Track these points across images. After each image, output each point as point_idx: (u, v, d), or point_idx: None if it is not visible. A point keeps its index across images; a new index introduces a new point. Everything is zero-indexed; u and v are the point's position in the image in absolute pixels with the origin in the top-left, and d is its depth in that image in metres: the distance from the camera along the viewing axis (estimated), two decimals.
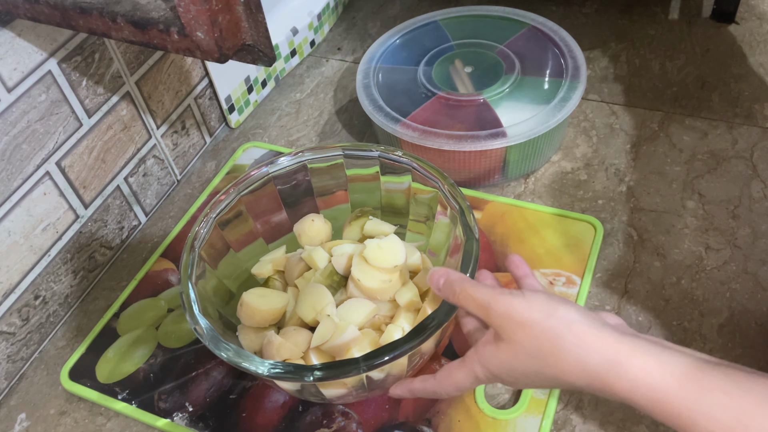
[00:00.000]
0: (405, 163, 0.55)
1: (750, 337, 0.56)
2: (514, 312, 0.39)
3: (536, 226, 0.65)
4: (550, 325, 0.38)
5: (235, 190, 0.55)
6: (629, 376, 0.35)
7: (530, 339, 0.38)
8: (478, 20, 0.80)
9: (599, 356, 0.36)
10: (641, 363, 0.35)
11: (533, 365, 0.39)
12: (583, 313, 0.38)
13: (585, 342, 0.37)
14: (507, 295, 0.40)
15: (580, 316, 0.38)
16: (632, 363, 0.35)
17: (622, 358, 0.36)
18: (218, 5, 0.40)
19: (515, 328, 0.39)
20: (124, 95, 0.66)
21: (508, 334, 0.40)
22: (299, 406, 0.55)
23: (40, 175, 0.58)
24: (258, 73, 0.83)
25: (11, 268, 0.57)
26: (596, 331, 0.37)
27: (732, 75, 0.80)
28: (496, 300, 0.40)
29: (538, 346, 0.38)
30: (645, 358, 0.35)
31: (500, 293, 0.40)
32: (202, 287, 0.50)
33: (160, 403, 0.56)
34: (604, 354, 0.36)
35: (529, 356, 0.39)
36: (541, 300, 0.39)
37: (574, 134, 0.75)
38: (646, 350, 0.36)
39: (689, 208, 0.66)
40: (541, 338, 0.38)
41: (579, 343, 0.37)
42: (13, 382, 0.61)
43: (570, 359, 0.37)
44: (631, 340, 0.36)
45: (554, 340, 0.37)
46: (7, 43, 0.53)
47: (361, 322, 0.50)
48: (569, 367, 0.37)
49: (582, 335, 0.37)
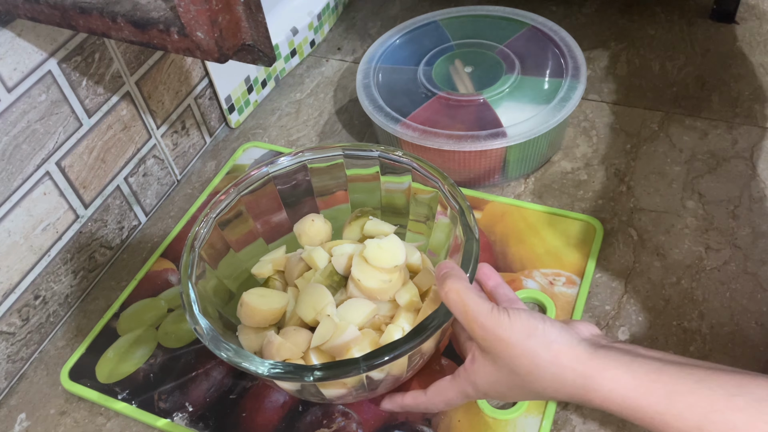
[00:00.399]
0: (405, 163, 0.55)
1: (750, 337, 0.56)
2: (497, 328, 0.41)
3: (536, 226, 0.65)
4: (530, 346, 0.40)
5: (235, 190, 0.55)
6: (603, 390, 0.38)
7: (511, 357, 0.41)
8: (478, 20, 0.80)
9: (575, 373, 0.39)
10: (612, 375, 0.38)
11: (515, 381, 0.42)
12: (560, 331, 0.41)
13: (561, 361, 0.39)
14: (495, 311, 0.42)
15: (558, 335, 0.40)
16: (604, 376, 0.38)
17: (595, 373, 0.38)
18: (218, 5, 0.40)
19: (496, 343, 0.41)
20: (124, 95, 0.66)
21: (489, 349, 0.42)
22: (299, 406, 0.55)
23: (40, 175, 0.58)
24: (258, 73, 0.83)
25: (11, 268, 0.57)
26: (571, 349, 0.40)
27: (732, 75, 0.80)
28: (485, 314, 0.42)
29: (518, 364, 0.41)
30: (615, 370, 0.38)
31: (489, 309, 0.42)
32: (202, 287, 0.50)
33: (160, 403, 0.56)
34: (579, 371, 0.39)
35: (510, 373, 0.41)
36: (523, 318, 0.41)
37: (574, 134, 0.75)
38: (617, 362, 0.38)
39: (689, 208, 0.66)
40: (521, 357, 0.40)
41: (555, 361, 0.40)
42: (13, 382, 0.61)
43: (548, 377, 0.40)
44: (604, 354, 0.39)
45: (533, 358, 0.40)
46: (7, 43, 0.53)
47: (361, 322, 0.50)
48: (548, 384, 0.40)
49: (558, 354, 0.40)
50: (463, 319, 0.43)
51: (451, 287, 0.43)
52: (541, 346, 0.40)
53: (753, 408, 0.34)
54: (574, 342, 0.40)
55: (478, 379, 0.43)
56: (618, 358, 0.39)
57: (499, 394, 0.43)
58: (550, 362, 0.40)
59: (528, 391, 0.42)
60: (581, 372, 0.39)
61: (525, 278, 0.61)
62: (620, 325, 0.58)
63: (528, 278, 0.61)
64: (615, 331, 0.57)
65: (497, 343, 0.41)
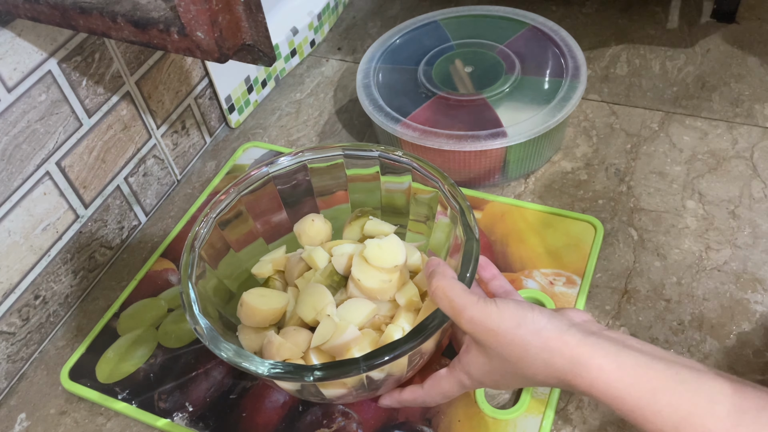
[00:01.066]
0: (405, 163, 0.55)
1: (750, 337, 0.56)
2: (486, 319, 0.41)
3: (536, 226, 0.65)
4: (520, 334, 0.41)
5: (235, 190, 0.55)
6: (589, 376, 0.38)
7: (501, 345, 0.41)
8: (478, 20, 0.80)
9: (563, 359, 0.39)
10: (599, 363, 0.38)
11: (507, 368, 0.42)
12: (550, 317, 0.41)
13: (550, 347, 0.40)
14: (481, 302, 0.42)
15: (547, 322, 0.41)
16: (592, 363, 0.38)
17: (582, 359, 0.39)
18: (218, 5, 0.40)
19: (486, 334, 0.42)
20: (124, 95, 0.66)
21: (480, 340, 0.42)
22: (299, 406, 0.55)
23: (40, 175, 0.58)
24: (258, 73, 0.83)
25: (11, 268, 0.57)
26: (561, 334, 0.40)
27: (732, 75, 0.80)
28: (471, 306, 0.42)
29: (509, 352, 0.41)
30: (603, 359, 0.38)
31: (475, 301, 0.42)
32: (202, 287, 0.50)
33: (160, 403, 0.56)
34: (567, 356, 0.39)
35: (502, 360, 0.42)
36: (511, 308, 0.42)
37: (574, 134, 0.75)
38: (605, 351, 0.39)
39: (689, 208, 0.66)
40: (511, 345, 0.41)
41: (545, 347, 0.40)
42: (13, 382, 0.61)
43: (538, 363, 0.40)
44: (593, 341, 0.39)
45: (523, 345, 0.41)
46: (7, 43, 0.53)
47: (361, 322, 0.50)
48: (538, 370, 0.41)
49: (548, 341, 0.40)
50: (450, 313, 0.43)
51: (437, 284, 0.44)
52: (530, 334, 0.40)
53: (733, 418, 0.34)
54: (563, 328, 0.40)
55: (473, 369, 0.44)
56: (606, 347, 0.39)
57: (494, 382, 0.44)
58: (541, 348, 0.40)
59: (520, 377, 0.42)
60: (569, 357, 0.39)
61: (525, 278, 0.61)
62: (620, 325, 0.58)
63: (528, 278, 0.61)
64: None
65: (487, 333, 0.41)
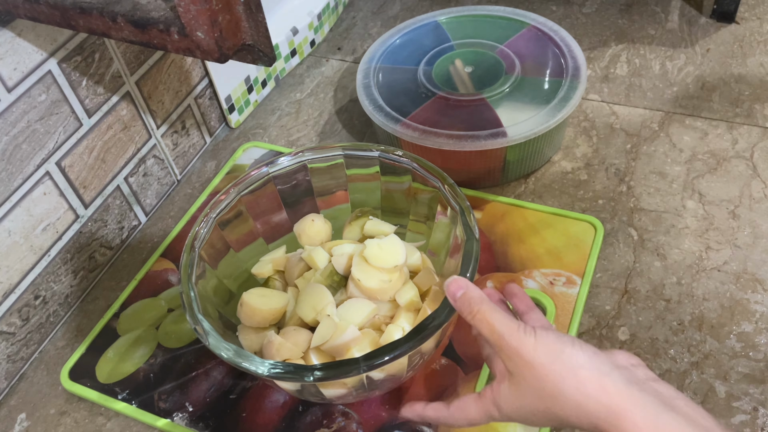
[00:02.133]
0: (405, 163, 0.55)
1: (751, 337, 0.56)
2: (523, 350, 0.39)
3: (536, 226, 0.65)
4: (555, 369, 0.38)
5: (235, 190, 0.55)
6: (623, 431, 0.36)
7: (536, 379, 0.39)
8: (478, 20, 0.79)
9: (599, 405, 0.37)
10: (635, 420, 0.36)
11: (539, 405, 0.40)
12: (591, 356, 0.39)
13: (586, 389, 0.37)
14: (520, 331, 0.40)
15: (587, 360, 0.38)
16: (627, 417, 0.36)
17: (620, 411, 0.36)
18: (218, 5, 0.40)
19: (523, 366, 0.40)
20: (124, 95, 0.66)
21: (516, 370, 0.40)
22: (299, 406, 0.55)
23: (40, 175, 0.58)
24: (258, 73, 0.83)
25: (11, 268, 0.57)
26: (601, 377, 0.38)
27: (732, 75, 0.80)
28: (510, 334, 0.40)
29: (542, 387, 0.39)
30: (641, 416, 0.36)
31: (515, 328, 0.40)
32: (202, 287, 0.50)
33: (160, 403, 0.56)
34: (603, 403, 0.37)
35: (535, 396, 0.39)
36: (550, 341, 0.39)
37: (574, 134, 0.75)
38: (645, 407, 0.36)
39: (689, 208, 0.66)
40: (545, 380, 0.39)
41: (580, 388, 0.38)
42: (13, 382, 0.61)
43: (571, 403, 0.38)
44: (635, 393, 0.37)
45: (557, 382, 0.38)
46: (7, 43, 0.53)
47: (361, 322, 0.50)
48: (570, 411, 0.38)
49: (585, 381, 0.38)
50: (496, 344, 0.41)
51: (478, 308, 0.42)
52: (566, 371, 0.38)
53: None
54: (604, 370, 0.38)
55: (503, 402, 0.42)
56: (647, 403, 0.36)
57: (523, 418, 0.42)
58: (575, 389, 0.38)
59: (552, 416, 0.40)
60: (606, 404, 0.37)
61: (525, 278, 0.61)
62: (620, 325, 0.58)
63: (528, 278, 0.61)
64: (615, 331, 0.57)
65: (522, 364, 0.39)
